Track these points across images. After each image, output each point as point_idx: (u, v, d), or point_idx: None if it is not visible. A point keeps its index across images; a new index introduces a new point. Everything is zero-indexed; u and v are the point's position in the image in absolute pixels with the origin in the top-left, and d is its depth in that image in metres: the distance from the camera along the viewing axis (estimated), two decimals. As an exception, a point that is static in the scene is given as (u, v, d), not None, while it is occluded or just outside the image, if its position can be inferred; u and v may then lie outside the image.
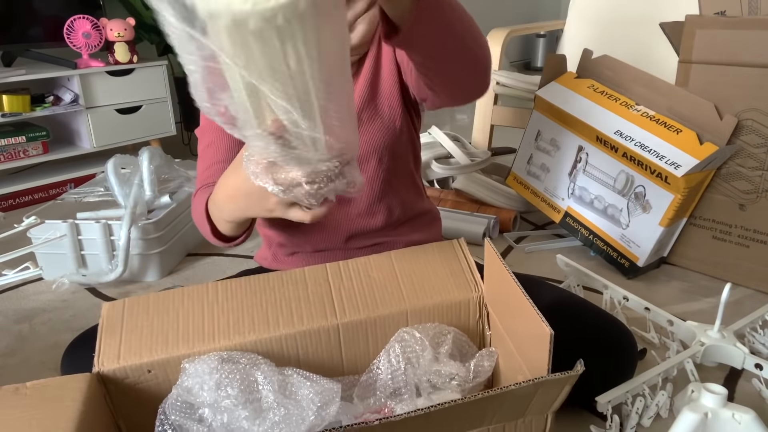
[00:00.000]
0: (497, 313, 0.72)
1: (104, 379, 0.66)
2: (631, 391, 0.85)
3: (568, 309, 0.88)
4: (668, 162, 1.19)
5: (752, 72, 1.20)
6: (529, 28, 2.09)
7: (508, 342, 0.67)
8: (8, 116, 1.75)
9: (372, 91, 0.83)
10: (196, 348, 0.67)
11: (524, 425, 0.59)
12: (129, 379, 0.66)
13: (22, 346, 1.12)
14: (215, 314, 0.70)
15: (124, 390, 0.67)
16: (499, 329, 0.71)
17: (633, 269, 1.31)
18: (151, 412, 0.64)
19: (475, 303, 0.75)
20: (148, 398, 0.67)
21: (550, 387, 0.54)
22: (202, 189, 0.84)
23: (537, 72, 2.34)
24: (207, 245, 1.54)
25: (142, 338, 0.68)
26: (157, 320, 0.70)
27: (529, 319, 0.58)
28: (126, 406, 0.68)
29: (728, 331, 0.99)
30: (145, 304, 0.72)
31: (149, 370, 0.67)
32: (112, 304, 0.72)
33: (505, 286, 0.65)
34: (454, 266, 0.77)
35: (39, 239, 1.29)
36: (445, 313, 0.74)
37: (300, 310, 0.71)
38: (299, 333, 0.69)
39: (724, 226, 1.30)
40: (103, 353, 0.67)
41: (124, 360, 0.66)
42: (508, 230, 1.58)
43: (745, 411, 0.77)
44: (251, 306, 0.71)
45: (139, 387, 0.67)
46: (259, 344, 0.68)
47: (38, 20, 1.91)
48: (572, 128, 1.40)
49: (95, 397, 0.62)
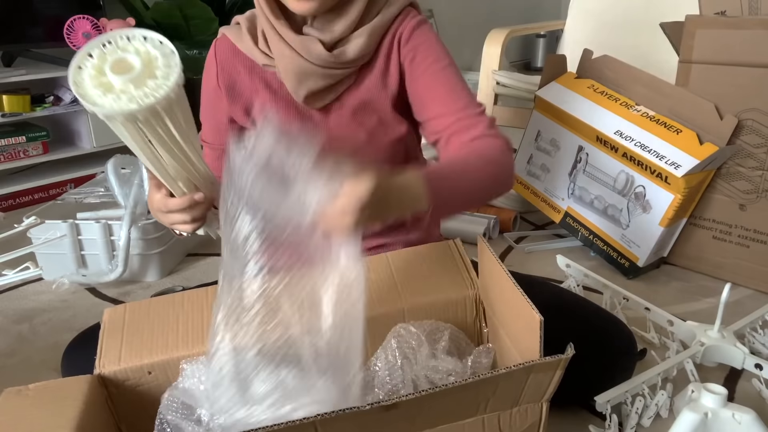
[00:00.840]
0: (492, 308, 0.72)
1: (105, 381, 0.66)
2: (631, 390, 0.85)
3: (568, 308, 0.88)
4: (668, 162, 1.19)
5: (752, 72, 1.20)
6: (529, 28, 2.09)
7: (504, 337, 0.67)
8: (8, 116, 1.75)
9: (375, 97, 0.83)
10: (195, 349, 0.68)
11: (519, 415, 0.59)
12: (130, 381, 0.67)
13: (22, 346, 1.12)
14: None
15: (124, 392, 0.67)
16: (495, 325, 0.71)
17: (633, 269, 1.31)
18: (151, 416, 0.65)
19: (472, 300, 0.75)
20: (148, 400, 0.67)
21: (542, 370, 0.54)
22: None
23: (537, 72, 2.34)
24: (207, 245, 1.54)
25: (142, 341, 0.69)
26: (157, 323, 0.71)
27: (521, 308, 0.59)
28: (127, 408, 0.68)
29: (728, 331, 0.99)
30: (146, 308, 0.73)
31: (149, 371, 0.67)
32: (114, 309, 0.73)
33: (497, 280, 0.66)
34: (449, 265, 0.77)
35: (39, 239, 1.29)
36: (442, 310, 0.74)
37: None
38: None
39: (724, 226, 1.30)
40: (104, 355, 0.68)
41: (125, 362, 0.67)
42: (508, 230, 1.58)
43: (745, 411, 0.77)
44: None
45: (139, 389, 0.67)
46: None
47: (38, 20, 1.91)
48: (572, 128, 1.40)
49: (96, 399, 0.63)
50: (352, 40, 0.79)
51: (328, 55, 0.78)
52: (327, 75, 0.80)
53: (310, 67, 0.78)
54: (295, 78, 0.80)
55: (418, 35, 0.81)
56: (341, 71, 0.80)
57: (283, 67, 0.80)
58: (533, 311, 0.56)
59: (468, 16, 3.42)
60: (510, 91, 1.82)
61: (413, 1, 0.85)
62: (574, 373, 0.57)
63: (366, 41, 0.79)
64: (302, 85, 0.80)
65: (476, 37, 2.21)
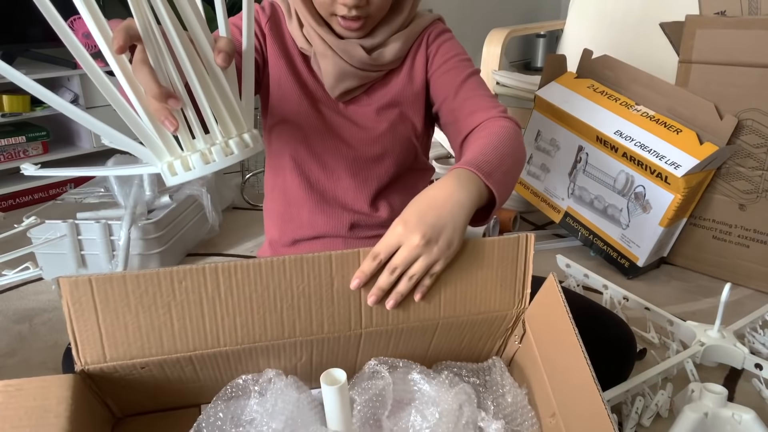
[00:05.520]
0: (538, 342, 0.66)
1: (91, 377, 0.59)
2: (631, 390, 0.85)
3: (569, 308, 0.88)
4: (668, 162, 1.19)
5: (752, 72, 1.20)
6: (529, 28, 2.09)
7: (544, 375, 0.63)
8: (8, 116, 1.75)
9: (399, 92, 0.87)
10: (199, 351, 0.59)
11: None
12: (118, 374, 0.59)
13: (22, 346, 1.12)
14: (218, 313, 0.59)
15: (114, 383, 0.60)
16: (535, 355, 0.65)
17: (633, 269, 1.31)
18: (149, 399, 0.61)
19: (512, 317, 0.68)
20: (145, 388, 0.62)
21: None
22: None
23: (537, 72, 2.34)
24: (207, 245, 1.54)
25: (128, 336, 0.58)
26: (144, 316, 0.58)
27: (586, 390, 0.55)
28: (120, 397, 0.63)
29: (728, 331, 0.99)
30: (121, 290, 0.57)
31: (143, 366, 0.59)
32: (74, 282, 0.56)
33: (561, 332, 0.61)
34: (507, 270, 0.67)
35: (39, 239, 1.29)
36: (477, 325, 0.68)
37: (321, 314, 0.61)
38: (317, 340, 0.62)
39: (724, 226, 1.30)
40: (83, 348, 0.57)
41: (111, 358, 0.58)
42: (508, 230, 1.58)
43: (745, 411, 0.77)
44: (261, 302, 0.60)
45: (130, 378, 0.60)
46: (272, 348, 0.62)
47: (38, 20, 1.90)
48: (572, 128, 1.40)
49: (83, 394, 0.57)
50: (390, 44, 0.83)
51: (368, 58, 0.81)
52: (363, 76, 0.84)
53: (349, 69, 0.82)
54: (334, 78, 0.83)
55: (443, 37, 0.87)
56: (376, 72, 0.84)
57: (324, 66, 0.83)
58: (606, 414, 0.52)
59: (468, 16, 3.42)
60: (510, 91, 1.82)
61: (440, 17, 0.91)
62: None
63: (402, 46, 0.84)
64: (340, 85, 0.83)
65: (476, 37, 2.21)
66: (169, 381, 0.62)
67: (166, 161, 0.58)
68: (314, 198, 0.90)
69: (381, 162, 0.89)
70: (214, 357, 0.61)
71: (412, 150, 0.91)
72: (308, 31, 0.82)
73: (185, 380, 0.63)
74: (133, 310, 0.58)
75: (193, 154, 0.57)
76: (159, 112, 0.55)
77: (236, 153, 0.58)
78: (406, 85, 0.87)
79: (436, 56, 0.86)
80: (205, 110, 0.57)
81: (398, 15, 0.83)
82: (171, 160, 0.58)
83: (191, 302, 0.58)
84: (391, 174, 0.90)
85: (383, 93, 0.87)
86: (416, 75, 0.87)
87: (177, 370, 0.61)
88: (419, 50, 0.87)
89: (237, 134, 0.59)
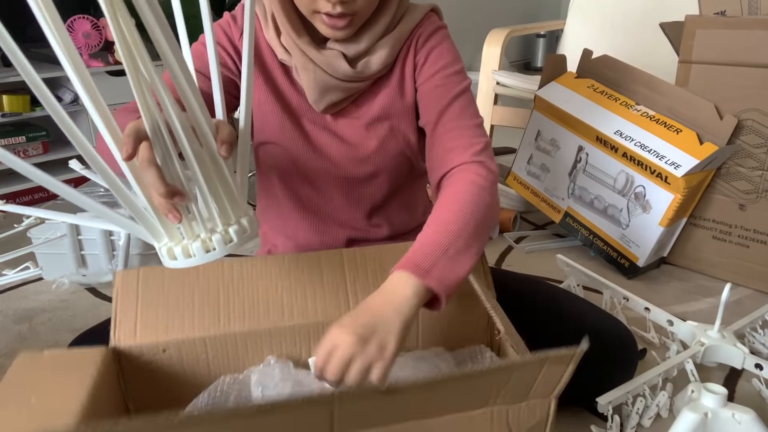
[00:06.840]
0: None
1: (119, 355, 0.66)
2: (632, 391, 0.85)
3: (568, 309, 0.88)
4: (668, 162, 1.19)
5: (752, 72, 1.20)
6: (529, 28, 2.09)
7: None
8: (8, 116, 1.75)
9: (390, 104, 0.82)
10: (212, 332, 0.68)
11: (528, 410, 0.58)
12: (144, 358, 0.67)
13: (22, 346, 1.12)
14: (230, 297, 0.70)
15: (137, 368, 0.67)
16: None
17: (633, 269, 1.31)
18: (160, 396, 0.65)
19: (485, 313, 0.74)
20: (160, 379, 0.68)
21: (556, 363, 0.53)
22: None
23: (537, 72, 2.34)
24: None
25: (158, 315, 0.68)
26: (173, 297, 0.69)
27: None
28: (137, 386, 0.68)
29: (728, 331, 0.99)
30: (160, 277, 0.70)
31: (164, 349, 0.67)
32: (127, 273, 0.70)
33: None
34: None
35: (39, 239, 1.29)
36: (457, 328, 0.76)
37: (315, 300, 0.72)
38: (312, 324, 0.71)
39: (724, 226, 1.30)
40: (119, 328, 0.67)
41: (141, 337, 0.66)
42: (508, 230, 1.58)
43: (745, 411, 0.77)
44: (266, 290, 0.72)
45: (152, 367, 0.67)
46: (273, 333, 0.70)
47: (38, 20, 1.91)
48: (572, 128, 1.40)
49: (109, 374, 0.63)
50: (376, 52, 0.78)
51: (352, 71, 0.77)
52: (349, 88, 0.79)
53: (333, 82, 0.77)
54: (317, 92, 0.79)
55: (433, 40, 0.81)
56: (363, 84, 0.80)
57: (306, 80, 0.78)
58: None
59: (468, 16, 3.42)
60: (510, 91, 1.82)
61: (435, 6, 0.83)
62: (574, 374, 0.57)
63: (389, 52, 0.78)
64: (324, 98, 0.79)
65: (476, 37, 2.21)
66: (184, 370, 0.69)
67: (165, 245, 0.59)
68: (309, 218, 0.88)
69: (373, 181, 0.86)
70: (224, 340, 0.69)
71: (406, 164, 0.87)
72: (286, 41, 0.77)
73: (197, 370, 0.70)
74: (165, 294, 0.69)
75: (194, 242, 0.58)
76: (163, 206, 0.56)
77: (236, 241, 0.59)
78: (395, 96, 0.82)
79: (424, 66, 0.80)
80: (207, 201, 0.58)
81: (384, 15, 0.77)
82: (171, 245, 0.59)
83: (210, 289, 0.70)
84: (384, 192, 0.87)
85: (372, 104, 0.82)
86: (406, 85, 0.82)
87: (192, 354, 0.69)
88: (408, 56, 0.81)
89: (235, 220, 0.60)
